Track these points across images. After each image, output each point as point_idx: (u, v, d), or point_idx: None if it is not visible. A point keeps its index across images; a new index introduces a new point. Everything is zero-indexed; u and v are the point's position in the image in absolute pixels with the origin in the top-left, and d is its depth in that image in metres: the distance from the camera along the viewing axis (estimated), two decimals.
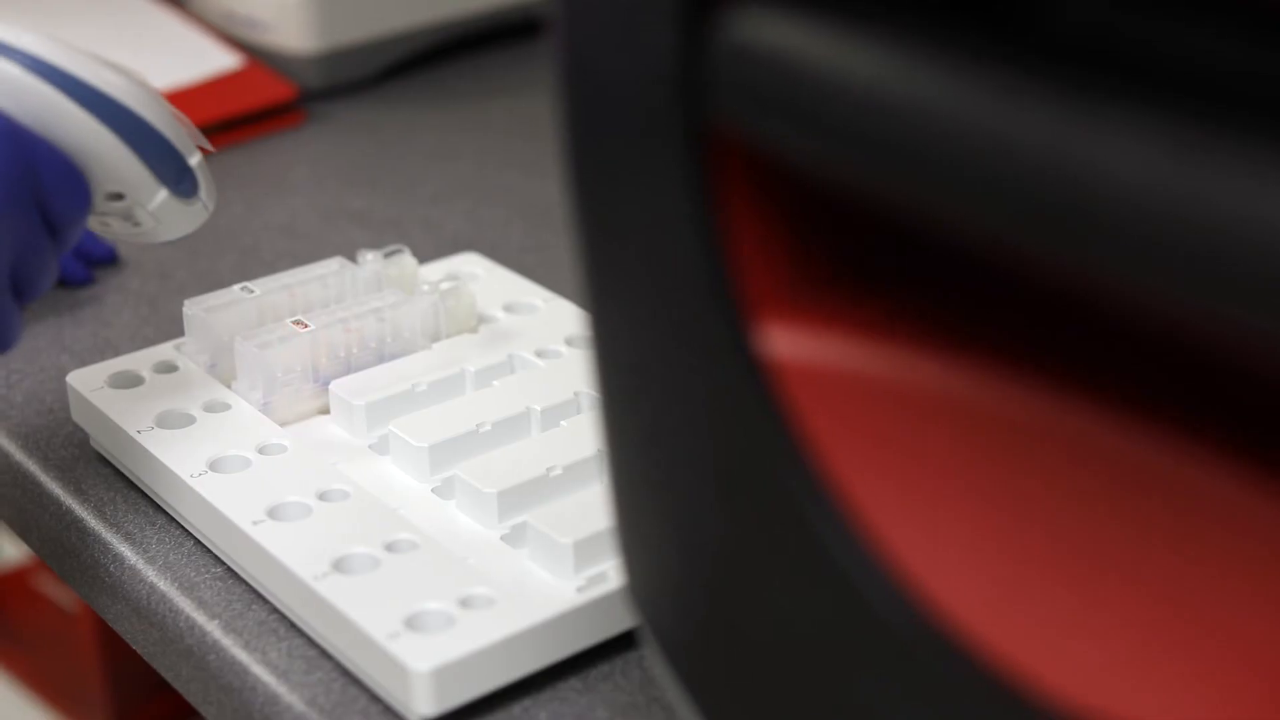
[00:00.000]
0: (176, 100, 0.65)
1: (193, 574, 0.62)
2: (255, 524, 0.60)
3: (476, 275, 0.77)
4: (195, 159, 0.64)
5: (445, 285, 0.72)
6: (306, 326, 0.68)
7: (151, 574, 0.62)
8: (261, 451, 0.64)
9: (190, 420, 0.66)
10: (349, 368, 0.69)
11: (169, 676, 0.63)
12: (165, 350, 0.71)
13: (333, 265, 0.72)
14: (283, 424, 0.67)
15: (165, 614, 0.61)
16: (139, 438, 0.65)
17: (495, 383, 0.68)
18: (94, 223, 0.64)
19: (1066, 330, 0.38)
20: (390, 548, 0.59)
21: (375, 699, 0.56)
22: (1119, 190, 0.31)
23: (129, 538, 0.64)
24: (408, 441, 0.64)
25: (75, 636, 1.19)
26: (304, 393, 0.68)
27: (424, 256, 0.80)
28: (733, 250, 0.38)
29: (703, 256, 0.38)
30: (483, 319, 0.73)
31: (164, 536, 0.64)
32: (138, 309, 0.81)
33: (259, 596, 0.61)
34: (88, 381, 0.69)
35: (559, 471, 0.62)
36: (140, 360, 0.70)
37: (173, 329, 0.78)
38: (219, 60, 1.04)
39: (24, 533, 0.70)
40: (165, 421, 0.66)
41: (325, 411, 0.68)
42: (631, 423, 0.43)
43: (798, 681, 0.40)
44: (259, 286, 0.71)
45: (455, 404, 0.67)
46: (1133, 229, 0.31)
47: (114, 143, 0.61)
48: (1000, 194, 0.33)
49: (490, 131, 1.03)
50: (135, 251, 0.86)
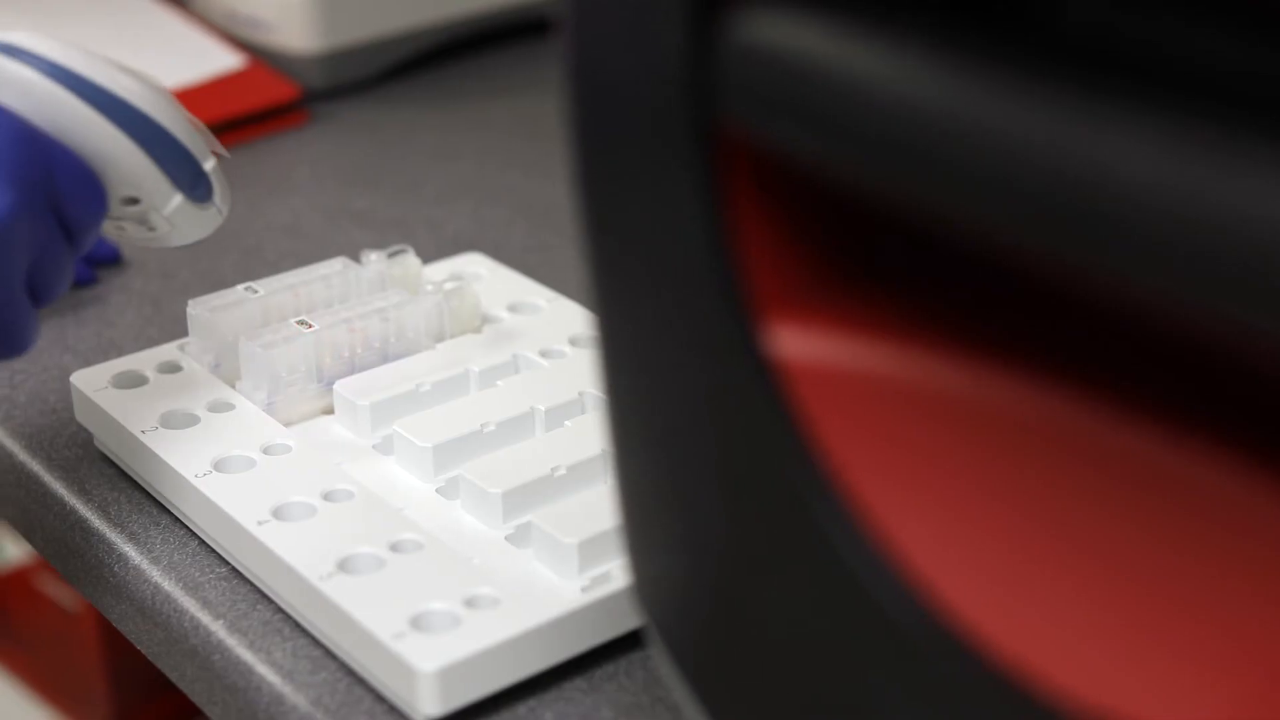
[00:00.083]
0: (179, 100, 0.65)
1: (197, 574, 0.62)
2: (260, 524, 0.60)
3: (480, 275, 0.77)
4: (210, 164, 0.64)
5: (449, 285, 0.72)
6: (311, 326, 0.68)
7: (156, 574, 0.62)
8: (266, 451, 0.64)
9: (194, 420, 0.66)
10: (353, 368, 0.69)
11: (173, 677, 0.63)
12: (169, 350, 0.71)
13: (336, 265, 0.72)
14: (287, 424, 0.67)
15: (170, 614, 0.61)
16: (143, 438, 0.65)
17: (499, 383, 0.68)
18: (109, 227, 0.64)
19: (1074, 330, 0.38)
20: (395, 548, 0.59)
21: (380, 699, 0.56)
22: (1126, 190, 0.31)
23: (133, 538, 0.64)
24: (412, 442, 0.64)
25: (77, 636, 1.19)
26: (308, 393, 0.68)
27: (427, 256, 0.80)
28: (740, 250, 0.38)
29: (710, 257, 0.38)
30: (486, 319, 0.73)
31: (168, 537, 0.64)
32: (141, 309, 0.81)
33: (264, 596, 0.61)
34: (92, 381, 0.69)
35: (563, 472, 0.62)
36: (144, 360, 0.70)
37: (176, 329, 0.78)
38: (221, 60, 1.04)
39: (28, 533, 0.70)
40: (169, 421, 0.66)
41: (329, 412, 0.68)
42: (638, 423, 0.43)
43: (805, 681, 0.40)
44: (263, 286, 0.71)
45: (459, 404, 0.67)
46: (1139, 228, 0.31)
47: (130, 148, 0.61)
48: (1007, 194, 0.33)
49: (493, 131, 1.03)
50: (138, 252, 0.86)
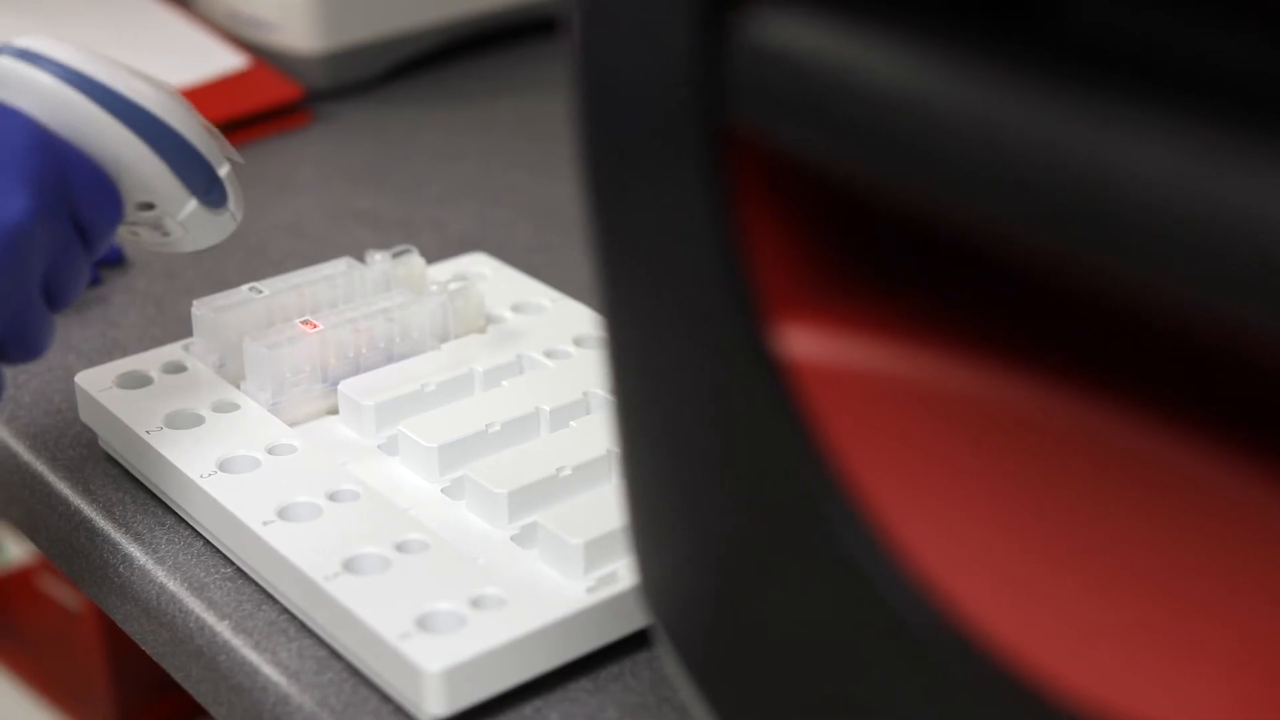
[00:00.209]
0: None
1: (202, 574, 0.62)
2: (265, 524, 0.60)
3: (484, 275, 0.77)
4: (225, 170, 0.64)
5: (454, 285, 0.72)
6: (315, 327, 0.68)
7: (161, 574, 0.62)
8: (271, 452, 0.64)
9: (199, 420, 0.66)
10: (358, 368, 0.69)
11: (179, 677, 0.63)
12: (174, 350, 0.71)
13: (341, 265, 0.72)
14: (291, 424, 0.67)
15: (175, 614, 0.61)
16: (148, 438, 0.65)
17: (504, 383, 0.68)
18: (123, 232, 0.64)
19: (1084, 330, 0.38)
20: (401, 548, 0.59)
21: (386, 699, 0.56)
22: (1135, 189, 0.31)
23: (138, 538, 0.64)
24: (417, 442, 0.64)
25: (79, 636, 1.19)
26: (313, 393, 0.68)
27: (430, 257, 0.79)
28: (749, 251, 0.38)
29: (719, 257, 0.38)
30: (491, 319, 0.73)
31: (173, 537, 0.64)
32: (144, 309, 0.81)
33: (269, 597, 0.61)
34: (96, 382, 0.69)
35: (568, 472, 0.62)
36: (149, 360, 0.70)
37: (180, 329, 0.78)
38: (225, 60, 1.04)
39: (32, 533, 0.70)
40: (174, 422, 0.66)
41: (334, 412, 0.68)
42: (646, 423, 0.43)
43: (813, 681, 0.40)
44: (267, 287, 0.71)
45: (464, 404, 0.67)
46: (1149, 228, 0.31)
47: (145, 153, 0.61)
48: (1017, 193, 0.33)
49: (496, 131, 1.03)
50: (142, 252, 0.86)
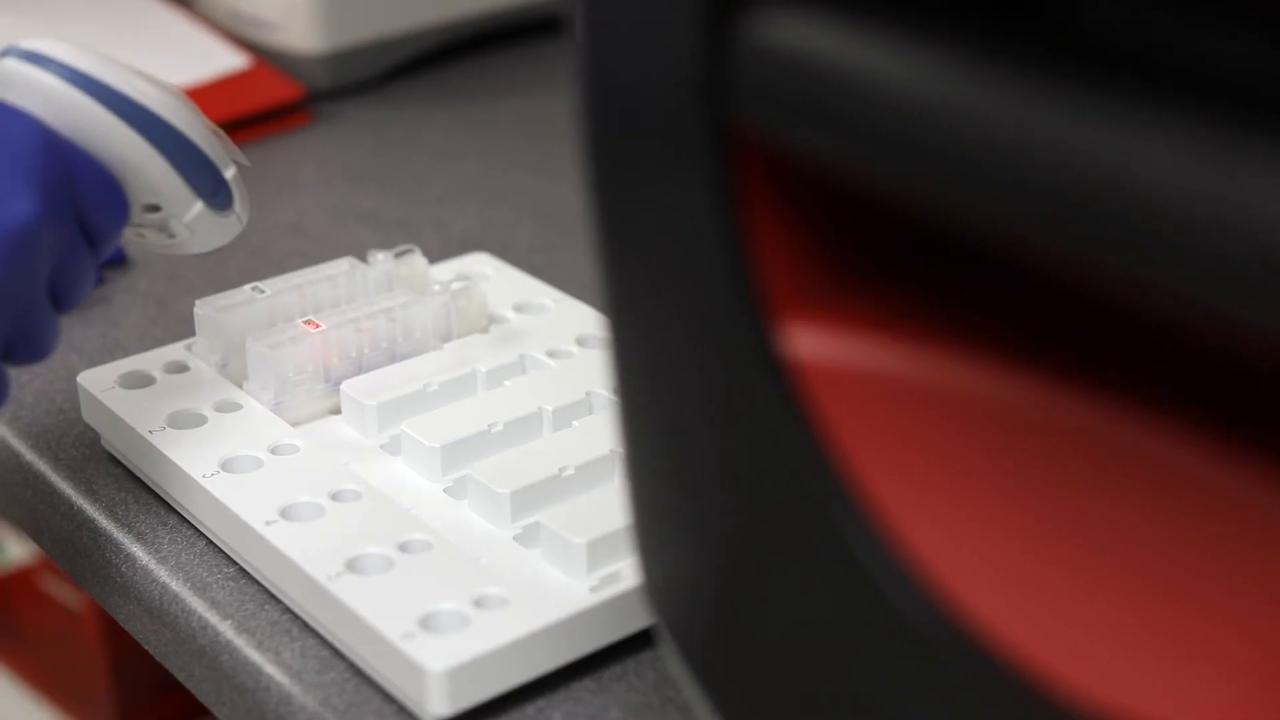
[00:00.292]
0: None
1: (205, 574, 0.62)
2: (268, 524, 0.60)
3: (487, 275, 0.77)
4: (230, 172, 0.64)
5: (456, 285, 0.72)
6: (318, 326, 0.68)
7: (164, 574, 0.62)
8: (273, 451, 0.64)
9: (202, 420, 0.66)
10: (360, 368, 0.69)
11: (181, 677, 0.63)
12: (176, 350, 0.71)
13: (343, 265, 0.72)
14: (294, 424, 0.67)
15: (178, 614, 0.61)
16: (150, 438, 0.65)
17: (507, 383, 0.68)
18: (129, 234, 0.64)
19: (1089, 329, 0.38)
20: (403, 548, 0.59)
21: (389, 699, 0.56)
22: (1143, 190, 0.31)
23: (141, 538, 0.64)
24: (420, 442, 0.64)
25: (80, 636, 1.19)
26: (315, 393, 0.68)
27: (432, 256, 0.79)
28: (754, 251, 0.38)
29: (725, 257, 0.38)
30: (493, 319, 0.73)
31: (176, 537, 0.64)
32: (146, 309, 0.81)
33: (271, 597, 0.61)
34: (98, 382, 0.69)
35: (571, 472, 0.62)
36: (151, 360, 0.70)
37: (182, 329, 0.78)
38: (226, 60, 1.04)
39: (35, 533, 0.70)
40: (176, 421, 0.66)
41: (336, 412, 0.68)
42: (651, 422, 0.43)
43: (817, 681, 0.40)
44: (270, 286, 0.71)
45: (467, 404, 0.67)
46: (1156, 228, 0.31)
47: (152, 155, 0.61)
48: (1023, 193, 0.33)
49: (498, 131, 1.03)
50: (144, 252, 0.86)
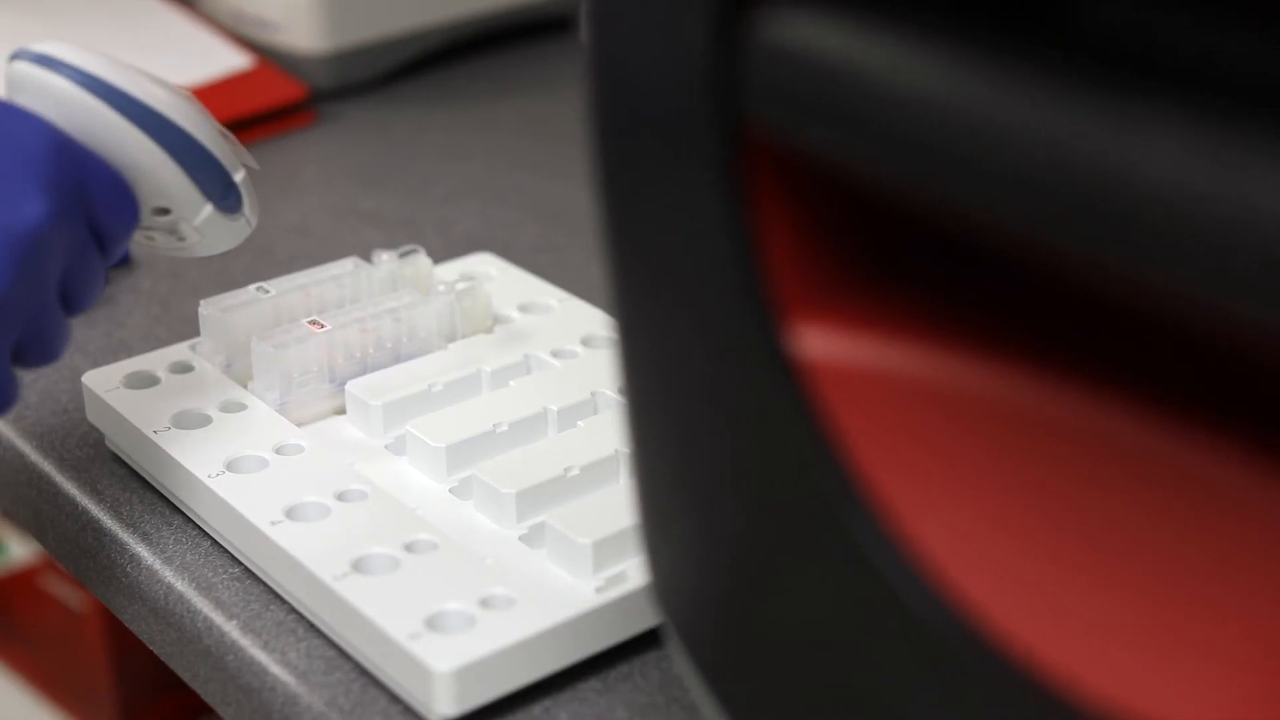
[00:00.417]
0: None
1: (210, 574, 0.62)
2: (273, 524, 0.60)
3: (491, 275, 0.77)
4: (240, 175, 0.64)
5: (460, 285, 0.72)
6: (322, 327, 0.68)
7: (169, 574, 0.62)
8: (279, 452, 0.64)
9: (207, 420, 0.66)
10: (365, 368, 0.69)
11: (186, 677, 0.62)
12: (181, 350, 0.71)
13: (348, 265, 0.72)
14: (299, 424, 0.67)
15: (183, 614, 0.61)
16: (155, 438, 0.65)
17: (511, 383, 0.68)
18: (138, 237, 0.64)
19: (1097, 329, 0.38)
20: (409, 548, 0.58)
21: (395, 699, 0.56)
22: (1152, 189, 0.31)
23: (146, 538, 0.64)
24: (425, 442, 0.64)
25: (83, 636, 1.19)
26: (320, 393, 0.68)
27: (436, 257, 0.79)
28: (763, 250, 0.38)
29: (734, 257, 0.38)
30: (498, 319, 0.73)
31: (181, 537, 0.64)
32: (150, 309, 0.81)
33: (277, 597, 0.61)
34: (103, 381, 0.68)
35: (576, 472, 0.62)
36: (155, 360, 0.70)
37: (185, 329, 0.78)
38: (229, 60, 1.04)
39: (39, 533, 0.70)
40: (181, 421, 0.66)
41: (341, 412, 0.68)
42: (659, 422, 0.43)
43: (825, 680, 0.40)
44: (274, 286, 0.71)
45: (472, 404, 0.67)
46: (1164, 228, 0.31)
47: (162, 158, 0.61)
48: (1032, 192, 0.33)
49: (501, 131, 1.03)
50: (147, 253, 0.86)
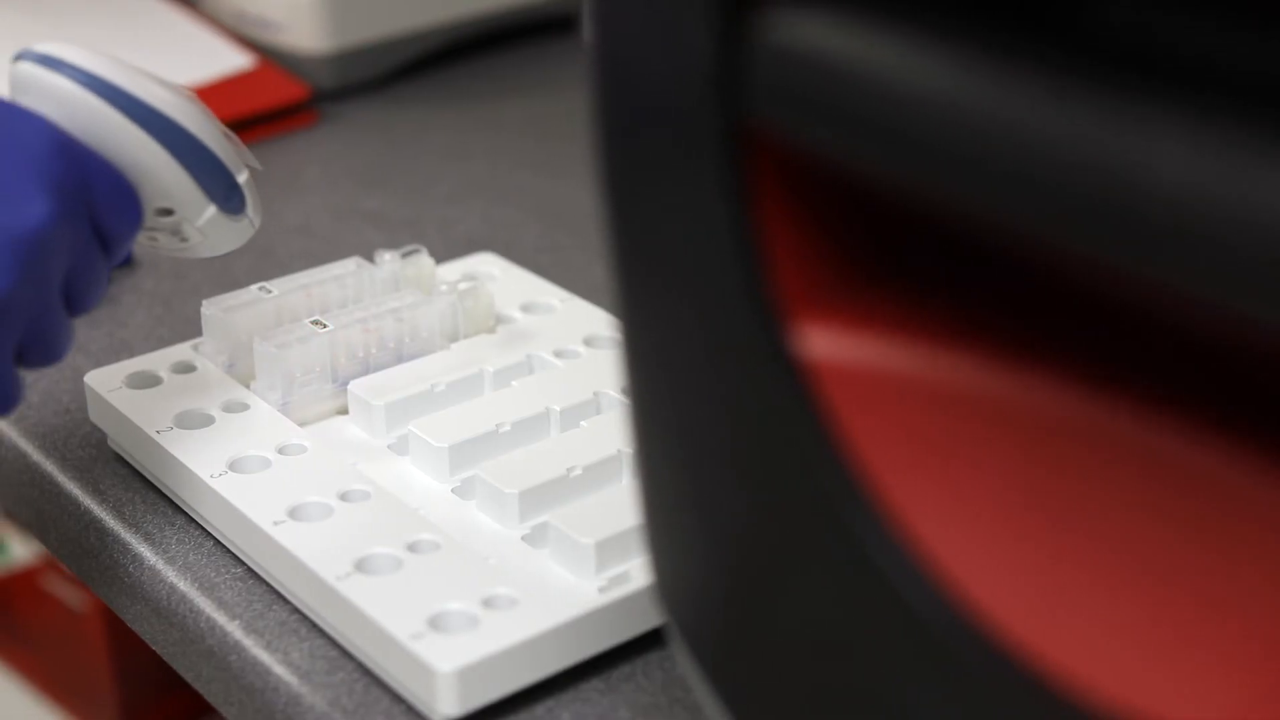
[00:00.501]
0: None
1: (213, 574, 0.62)
2: (276, 524, 0.60)
3: (493, 275, 0.77)
4: (244, 176, 0.64)
5: (463, 285, 0.72)
6: (325, 327, 0.68)
7: (171, 574, 0.62)
8: (281, 452, 0.64)
9: (209, 420, 0.66)
10: (367, 368, 0.69)
11: (189, 677, 0.62)
12: (183, 350, 0.71)
13: (350, 265, 0.72)
14: (301, 424, 0.67)
15: (186, 614, 0.61)
16: (158, 438, 0.65)
17: (514, 383, 0.68)
18: (141, 238, 0.64)
19: (1103, 329, 0.38)
20: (412, 548, 0.58)
21: (398, 699, 0.56)
22: (1159, 190, 0.31)
23: (148, 538, 0.64)
24: (428, 442, 0.64)
25: (84, 636, 1.19)
26: (323, 393, 0.68)
27: (438, 256, 0.79)
28: (768, 250, 0.38)
29: (738, 257, 0.38)
30: (500, 319, 0.73)
31: (184, 537, 0.64)
32: (152, 309, 0.81)
33: (280, 597, 0.61)
34: (105, 381, 0.68)
35: (579, 472, 0.62)
36: (158, 360, 0.70)
37: (188, 329, 0.78)
38: (231, 60, 1.04)
39: (42, 533, 0.70)
40: (184, 421, 0.66)
41: (344, 412, 0.68)
42: (663, 423, 0.43)
43: (829, 681, 0.40)
44: (277, 286, 0.71)
45: (474, 404, 0.67)
46: (1172, 228, 0.31)
47: (166, 159, 0.61)
48: (1036, 192, 0.33)
49: (503, 131, 1.03)
50: (150, 253, 0.86)
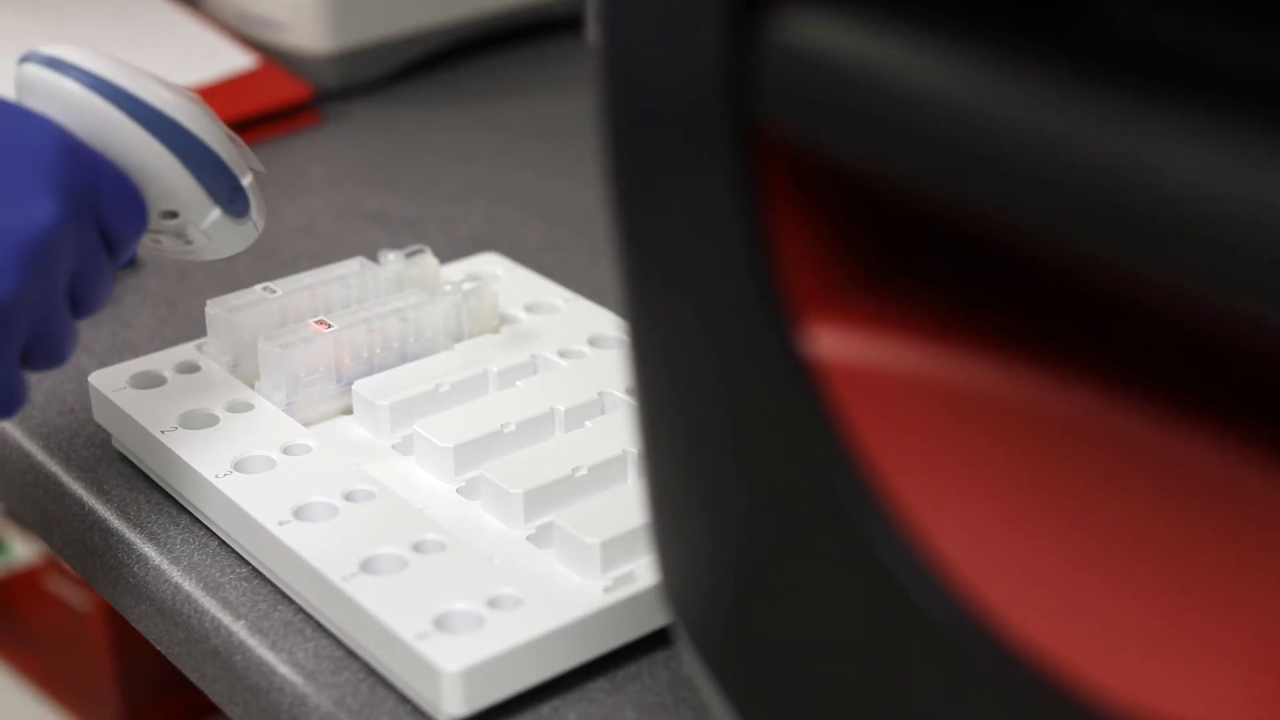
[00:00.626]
0: None
1: (218, 574, 0.62)
2: (281, 524, 0.60)
3: (497, 275, 0.77)
4: (248, 179, 0.64)
5: (467, 286, 0.72)
6: (329, 327, 0.68)
7: (176, 574, 0.62)
8: (286, 452, 0.64)
9: (214, 420, 0.66)
10: (371, 368, 0.69)
11: (194, 677, 0.62)
12: (187, 350, 0.71)
13: (354, 265, 0.72)
14: (306, 424, 0.67)
15: (190, 614, 0.61)
16: (162, 438, 0.65)
17: (518, 383, 0.68)
18: (146, 240, 0.64)
19: (1111, 329, 0.38)
20: (417, 548, 0.58)
21: (404, 699, 0.56)
22: (1168, 190, 0.31)
23: (153, 538, 0.64)
24: (432, 442, 0.64)
25: (86, 636, 1.19)
26: (327, 393, 0.68)
27: (442, 256, 0.79)
28: (777, 250, 0.38)
29: (747, 257, 0.38)
30: (504, 319, 0.73)
31: (188, 537, 0.64)
32: (156, 309, 0.81)
33: (284, 597, 0.61)
34: (110, 382, 0.68)
35: (584, 472, 0.62)
36: (162, 360, 0.70)
37: (192, 329, 0.78)
38: (234, 60, 1.04)
39: (46, 533, 0.70)
40: (188, 422, 0.66)
41: (348, 412, 0.68)
42: (671, 422, 0.43)
43: (836, 680, 0.40)
44: (281, 287, 0.71)
45: (479, 404, 0.67)
46: (1180, 228, 0.31)
47: (170, 161, 0.61)
48: (1046, 192, 0.33)
49: (506, 131, 1.03)
50: (154, 253, 0.85)
